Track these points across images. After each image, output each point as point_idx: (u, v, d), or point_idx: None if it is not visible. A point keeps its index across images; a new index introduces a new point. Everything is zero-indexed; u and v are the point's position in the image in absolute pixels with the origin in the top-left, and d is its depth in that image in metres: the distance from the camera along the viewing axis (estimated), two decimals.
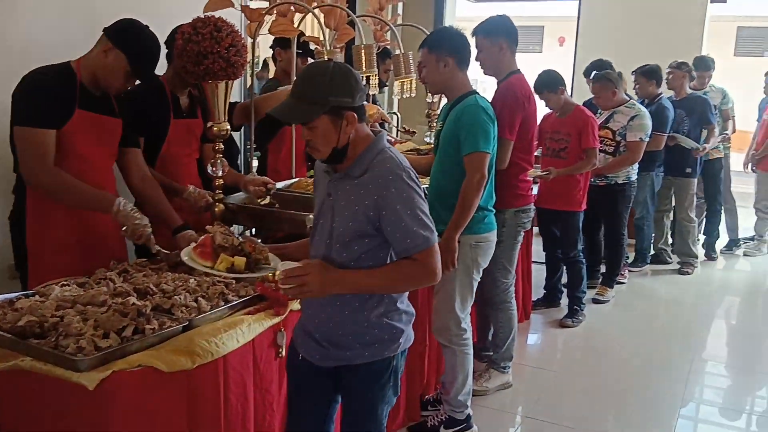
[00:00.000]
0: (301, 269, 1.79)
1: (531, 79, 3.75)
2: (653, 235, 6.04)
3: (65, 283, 2.14)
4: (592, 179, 4.77)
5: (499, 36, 3.31)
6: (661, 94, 5.53)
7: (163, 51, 2.70)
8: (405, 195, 1.82)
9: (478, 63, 3.35)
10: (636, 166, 5.00)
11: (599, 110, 5.03)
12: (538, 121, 4.74)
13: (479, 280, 3.11)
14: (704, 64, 6.12)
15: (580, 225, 4.66)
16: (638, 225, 5.78)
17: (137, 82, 2.57)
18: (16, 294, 2.08)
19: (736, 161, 6.77)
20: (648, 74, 5.52)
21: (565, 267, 4.85)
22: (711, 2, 7.15)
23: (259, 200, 2.98)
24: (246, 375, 2.09)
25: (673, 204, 6.05)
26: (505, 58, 3.33)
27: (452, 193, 2.90)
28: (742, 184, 7.53)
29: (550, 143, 4.60)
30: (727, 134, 6.23)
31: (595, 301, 5.11)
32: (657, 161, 5.52)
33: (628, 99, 5.04)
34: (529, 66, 4.44)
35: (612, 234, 5.12)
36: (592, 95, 5.10)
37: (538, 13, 14.11)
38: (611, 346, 4.40)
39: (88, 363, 1.66)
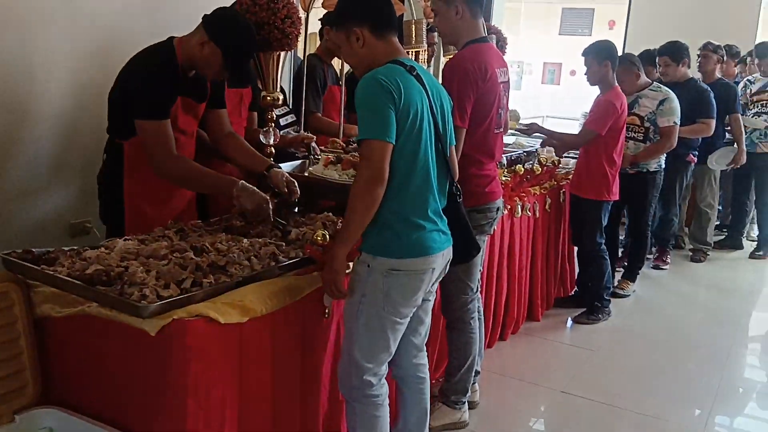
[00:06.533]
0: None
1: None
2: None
3: (127, 238, 2.26)
4: (624, 167, 4.40)
5: None
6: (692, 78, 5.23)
7: None
8: None
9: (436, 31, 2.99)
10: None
11: None
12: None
13: (406, 321, 2.27)
14: (765, 51, 5.83)
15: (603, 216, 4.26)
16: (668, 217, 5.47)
17: None
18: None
19: None
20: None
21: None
22: None
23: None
24: (293, 334, 2.19)
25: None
26: (463, 24, 2.73)
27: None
28: None
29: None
30: None
31: (615, 295, 4.66)
32: (693, 148, 5.27)
33: (651, 82, 4.71)
34: (579, 50, 4.31)
35: (638, 225, 4.80)
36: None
37: None
38: (649, 327, 4.41)
39: (151, 310, 1.77)
